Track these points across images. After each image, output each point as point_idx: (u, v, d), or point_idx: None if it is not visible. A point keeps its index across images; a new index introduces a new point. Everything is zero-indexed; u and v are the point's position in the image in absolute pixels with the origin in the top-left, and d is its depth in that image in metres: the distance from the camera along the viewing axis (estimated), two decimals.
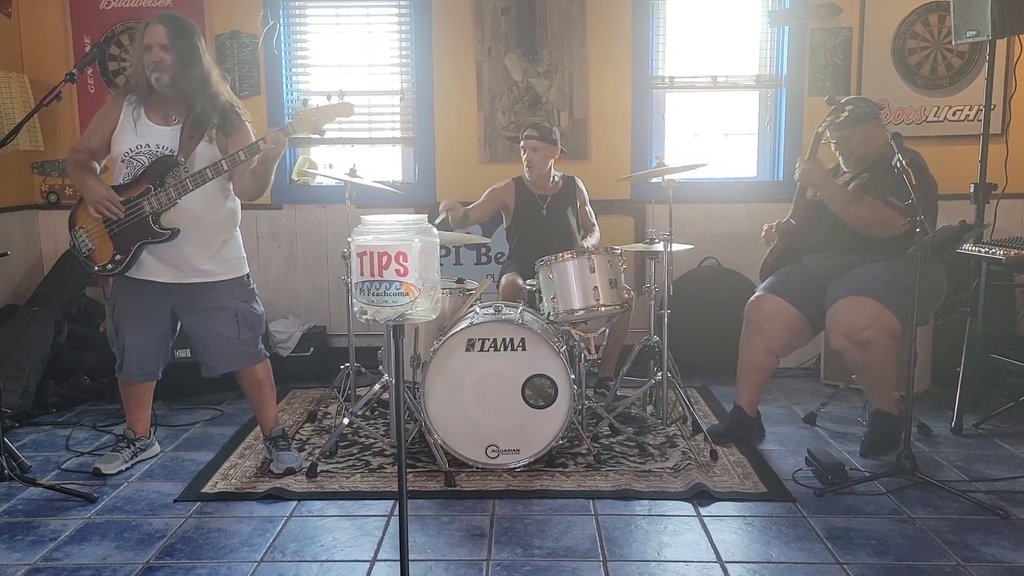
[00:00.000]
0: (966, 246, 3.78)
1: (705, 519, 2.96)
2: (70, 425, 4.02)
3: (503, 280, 4.22)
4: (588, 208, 4.45)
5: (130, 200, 3.14)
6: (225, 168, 3.11)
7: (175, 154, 3.15)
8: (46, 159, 5.01)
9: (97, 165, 3.29)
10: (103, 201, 3.11)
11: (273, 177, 3.25)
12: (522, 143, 4.28)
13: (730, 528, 2.90)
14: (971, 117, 4.87)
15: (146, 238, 3.16)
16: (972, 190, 3.93)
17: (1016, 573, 2.57)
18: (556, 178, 4.38)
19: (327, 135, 3.41)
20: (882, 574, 2.57)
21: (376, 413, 4.14)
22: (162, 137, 3.17)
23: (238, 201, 3.38)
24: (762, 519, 2.97)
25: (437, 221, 4.02)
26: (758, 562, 2.66)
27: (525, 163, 4.26)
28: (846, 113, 3.49)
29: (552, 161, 4.31)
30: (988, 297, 3.97)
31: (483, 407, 3.36)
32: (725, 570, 2.61)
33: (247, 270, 3.42)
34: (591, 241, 4.34)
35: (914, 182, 3.04)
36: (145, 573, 2.61)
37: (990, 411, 3.96)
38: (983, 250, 3.72)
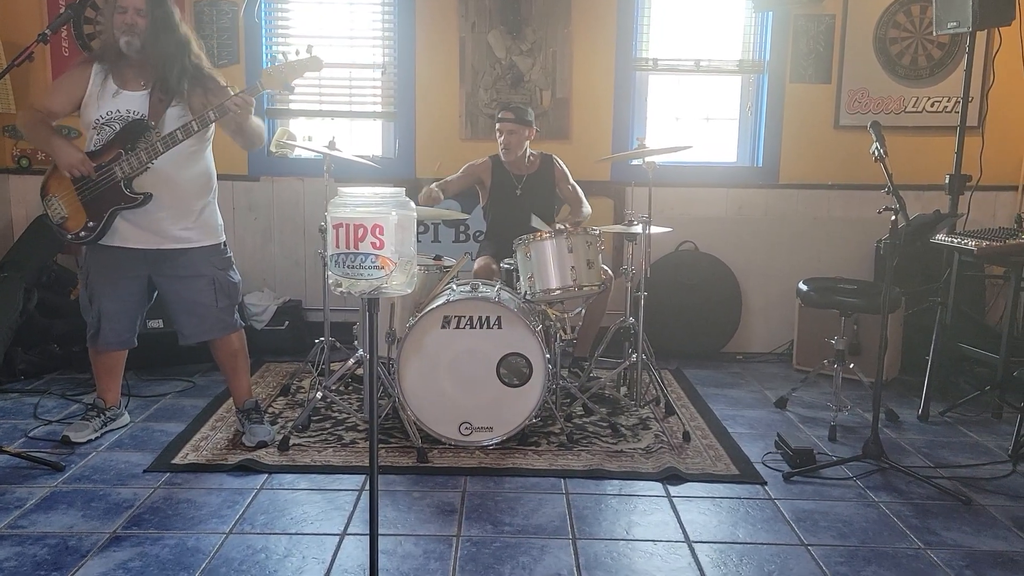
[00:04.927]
0: (939, 236, 3.83)
1: (675, 500, 2.99)
2: (38, 393, 3.98)
3: (477, 263, 4.21)
4: (572, 184, 4.41)
5: (101, 166, 3.10)
6: (195, 128, 3.08)
7: (145, 118, 3.11)
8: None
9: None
10: (78, 165, 3.07)
11: (260, 123, 3.25)
12: (497, 125, 4.25)
13: (699, 509, 2.93)
14: (949, 109, 4.91)
15: (119, 204, 3.12)
16: (947, 181, 3.97)
17: (976, 557, 2.62)
18: (532, 157, 4.36)
19: (306, 104, 3.39)
20: (846, 556, 2.61)
21: (350, 388, 4.13)
22: (132, 102, 3.14)
23: (214, 168, 3.36)
24: (731, 500, 3.00)
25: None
26: (725, 542, 2.69)
27: (501, 145, 4.23)
28: None
29: (528, 142, 4.29)
30: (959, 287, 4.03)
31: (457, 384, 3.36)
32: (692, 550, 2.64)
33: (224, 238, 3.40)
34: (584, 211, 4.32)
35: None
36: (112, 542, 2.59)
37: (957, 399, 4.02)
38: (955, 241, 3.77)
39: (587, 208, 4.36)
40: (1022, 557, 2.63)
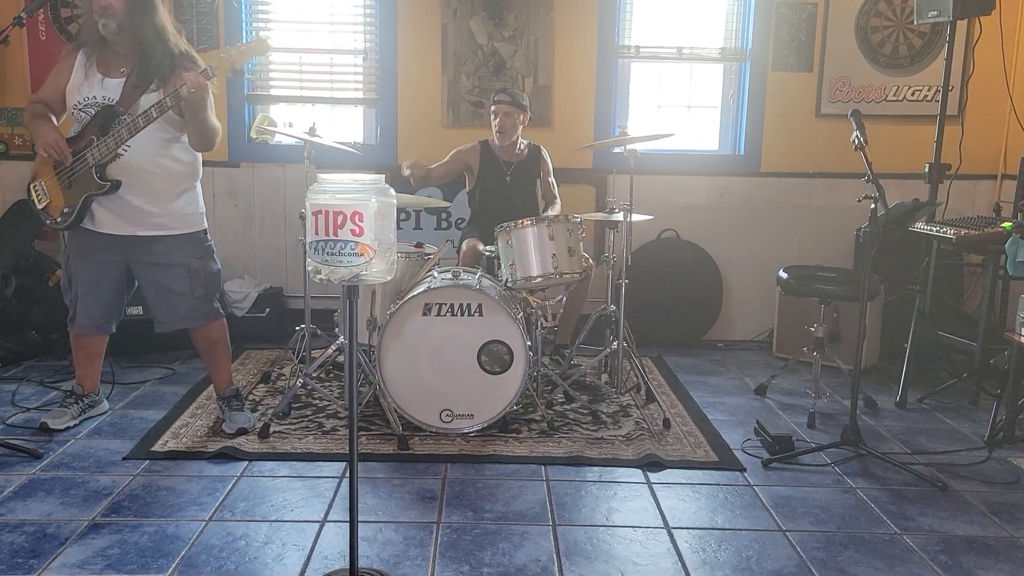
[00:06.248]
0: (918, 224, 3.85)
1: (655, 486, 3.01)
2: (16, 380, 3.95)
3: (464, 246, 4.20)
4: (552, 180, 4.42)
5: (77, 152, 3.09)
6: (154, 116, 3.05)
7: (114, 104, 3.09)
8: None
9: (55, 118, 3.22)
10: (54, 145, 3.06)
11: (217, 125, 3.18)
12: (493, 108, 4.24)
13: (678, 495, 2.95)
14: (929, 97, 4.94)
15: (90, 190, 3.11)
16: (927, 170, 4.00)
17: (951, 542, 2.65)
18: (522, 146, 4.35)
19: (287, 89, 3.36)
20: (823, 542, 2.64)
21: (331, 375, 4.12)
22: (109, 89, 3.13)
23: (196, 155, 3.31)
24: (710, 487, 3.02)
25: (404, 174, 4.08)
26: (704, 528, 2.71)
27: (496, 128, 4.22)
28: None
29: (521, 127, 4.28)
30: (937, 275, 4.06)
31: (439, 372, 3.36)
32: (671, 536, 2.66)
33: (204, 226, 3.37)
34: (553, 212, 4.33)
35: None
36: (90, 530, 2.58)
37: (934, 386, 4.07)
38: (934, 229, 3.79)
39: (558, 206, 4.37)
40: (996, 542, 2.67)
